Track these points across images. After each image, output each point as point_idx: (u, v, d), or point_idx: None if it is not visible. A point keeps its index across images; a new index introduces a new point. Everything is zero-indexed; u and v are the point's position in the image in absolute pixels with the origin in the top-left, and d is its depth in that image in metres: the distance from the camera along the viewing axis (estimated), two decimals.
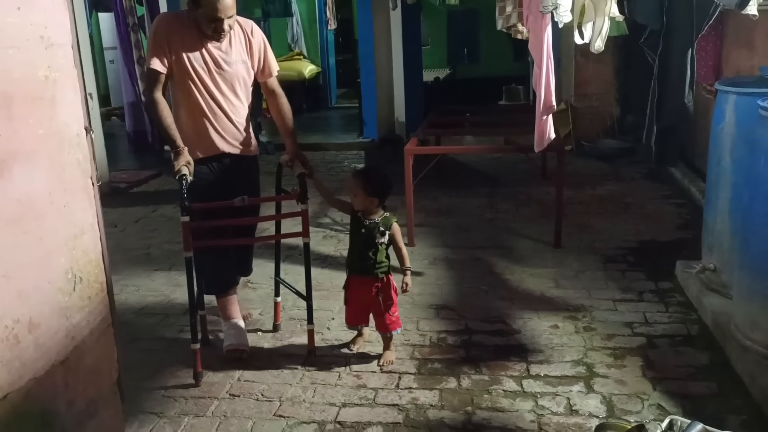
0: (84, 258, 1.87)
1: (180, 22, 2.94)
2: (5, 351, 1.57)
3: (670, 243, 4.29)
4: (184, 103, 3.00)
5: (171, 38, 2.90)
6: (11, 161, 1.59)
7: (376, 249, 2.93)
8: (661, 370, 2.83)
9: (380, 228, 2.91)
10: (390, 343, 3.03)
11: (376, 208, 2.94)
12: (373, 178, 2.94)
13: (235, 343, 3.11)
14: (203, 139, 3.03)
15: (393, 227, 2.94)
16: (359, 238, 2.96)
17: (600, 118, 7.12)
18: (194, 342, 2.92)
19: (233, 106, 3.04)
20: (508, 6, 4.27)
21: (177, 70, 2.93)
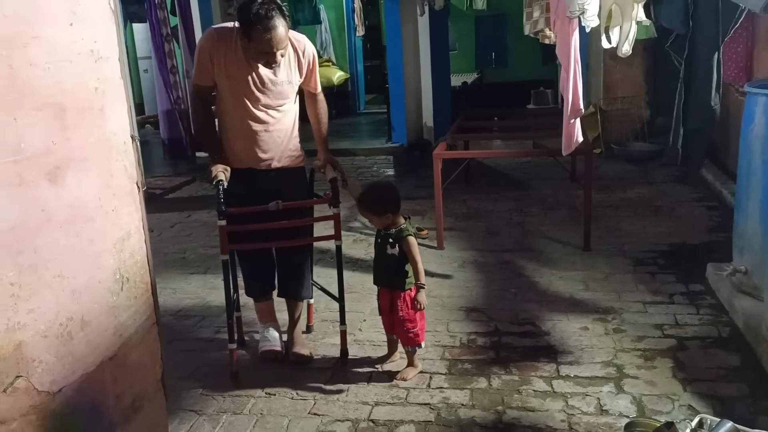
0: (131, 260, 1.96)
1: (227, 39, 2.87)
2: (60, 347, 1.67)
3: (701, 246, 4.28)
4: (227, 117, 3.03)
5: (215, 56, 2.87)
6: (65, 168, 1.68)
7: (389, 261, 2.89)
8: (691, 372, 2.84)
9: (390, 240, 2.88)
10: (413, 358, 2.97)
11: (396, 219, 2.90)
12: (373, 198, 2.90)
13: (270, 345, 3.19)
14: (244, 153, 3.03)
15: (405, 240, 2.84)
16: (376, 248, 2.99)
17: (629, 121, 7.10)
18: (231, 342, 3.02)
19: (276, 121, 3.02)
20: (536, 11, 4.32)
21: (220, 86, 2.95)
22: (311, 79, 3.11)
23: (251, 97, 2.93)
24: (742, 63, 4.83)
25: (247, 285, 3.30)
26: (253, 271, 3.25)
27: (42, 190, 1.61)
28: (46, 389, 1.62)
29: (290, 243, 3.16)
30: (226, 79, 2.91)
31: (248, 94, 2.92)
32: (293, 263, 3.25)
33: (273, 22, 2.67)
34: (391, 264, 2.89)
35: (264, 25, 2.66)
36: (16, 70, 1.53)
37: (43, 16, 1.63)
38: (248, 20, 2.68)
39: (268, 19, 2.66)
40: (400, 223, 2.89)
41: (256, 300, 3.32)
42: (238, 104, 2.95)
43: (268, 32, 2.68)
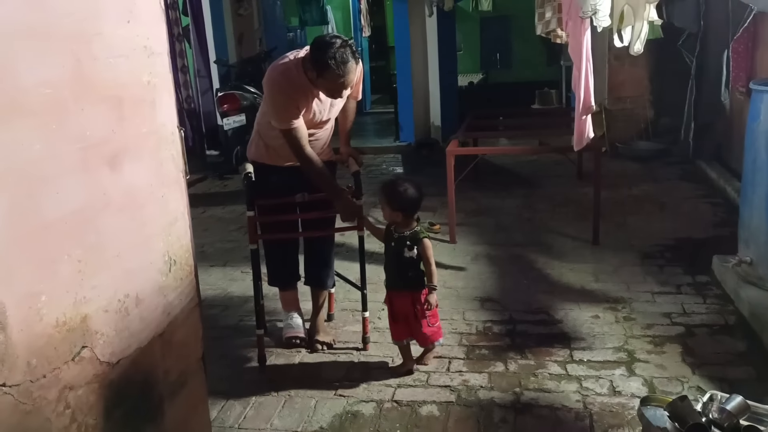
0: (177, 243, 2.09)
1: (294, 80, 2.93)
2: (118, 321, 1.79)
3: (706, 240, 4.41)
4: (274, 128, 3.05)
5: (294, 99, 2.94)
6: (122, 156, 1.81)
7: (405, 263, 2.91)
8: (700, 356, 2.97)
9: (408, 242, 2.90)
10: (430, 354, 3.03)
11: (408, 220, 2.93)
12: (395, 191, 2.90)
13: (294, 331, 3.32)
14: (285, 155, 3.12)
15: (422, 242, 2.88)
16: (390, 251, 3.00)
17: (634, 120, 7.22)
18: (258, 328, 3.16)
19: (324, 130, 3.20)
20: (548, 12, 4.45)
21: None
22: (356, 90, 3.23)
23: (311, 122, 3.06)
24: (744, 63, 4.96)
25: (273, 275, 3.40)
26: (279, 261, 3.37)
27: (103, 176, 1.74)
28: (106, 360, 1.75)
29: (315, 233, 3.30)
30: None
31: (311, 120, 3.06)
32: (319, 253, 3.39)
33: (348, 67, 2.80)
34: (410, 266, 2.92)
35: (339, 70, 2.78)
36: (82, 64, 1.66)
37: (104, 13, 1.76)
38: (325, 62, 2.78)
39: (344, 64, 2.78)
40: (413, 225, 2.93)
41: (281, 289, 3.44)
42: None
43: (342, 77, 2.82)
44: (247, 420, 2.71)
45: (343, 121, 3.37)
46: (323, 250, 3.40)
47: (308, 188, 3.12)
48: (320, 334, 3.30)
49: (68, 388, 1.61)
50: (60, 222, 1.57)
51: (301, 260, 3.44)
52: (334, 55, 2.77)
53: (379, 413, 2.70)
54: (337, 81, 2.84)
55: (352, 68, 2.83)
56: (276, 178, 3.18)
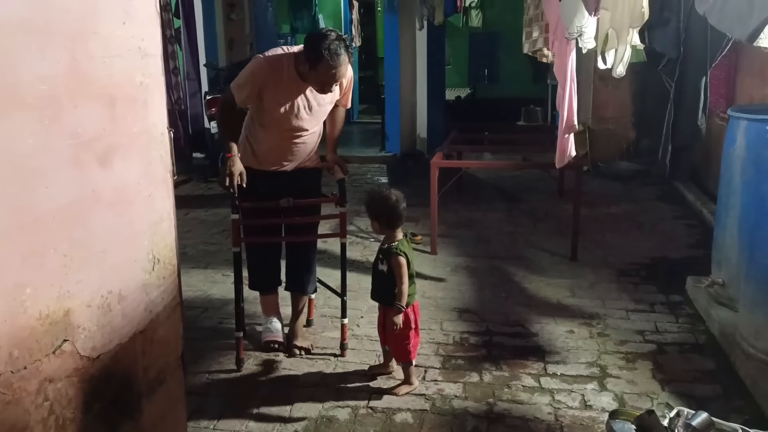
0: (162, 242, 2.12)
1: (281, 69, 3.01)
2: (100, 317, 1.82)
3: (681, 260, 4.50)
4: (265, 128, 3.16)
5: (269, 86, 3.01)
6: (112, 153, 1.84)
7: (377, 275, 2.94)
8: (669, 374, 3.04)
9: (380, 255, 2.92)
10: (408, 374, 2.93)
11: (390, 232, 2.90)
12: (372, 199, 2.94)
13: (273, 335, 3.34)
14: (269, 160, 3.20)
15: (393, 258, 2.82)
16: (373, 262, 3.02)
17: (616, 140, 7.35)
18: (238, 330, 3.17)
19: (309, 135, 3.21)
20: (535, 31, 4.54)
21: (268, 106, 3.06)
22: (345, 96, 3.30)
23: (295, 119, 3.10)
24: (723, 89, 5.10)
25: (254, 278, 3.43)
26: (261, 265, 3.39)
27: (94, 172, 1.76)
28: (87, 354, 1.77)
29: (298, 239, 3.35)
30: (273, 104, 3.05)
31: (293, 117, 3.09)
32: (302, 259, 3.42)
33: (340, 60, 2.87)
34: (381, 280, 2.91)
35: (333, 62, 2.85)
36: (78, 62, 1.69)
37: (102, 13, 1.79)
38: (319, 53, 2.85)
39: (337, 56, 2.85)
40: (395, 239, 2.90)
41: (262, 293, 3.46)
42: (282, 124, 3.10)
43: (335, 68, 2.88)
44: (223, 421, 2.73)
45: (331, 128, 3.40)
46: (305, 256, 3.43)
47: (293, 193, 3.16)
48: (298, 339, 3.33)
49: (48, 380, 1.62)
50: (49, 216, 1.60)
51: (283, 265, 3.47)
52: (329, 46, 2.84)
53: (354, 418, 2.73)
54: (329, 72, 2.88)
55: (344, 61, 2.90)
56: (262, 183, 3.19)
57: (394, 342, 2.93)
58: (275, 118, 3.10)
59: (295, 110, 3.08)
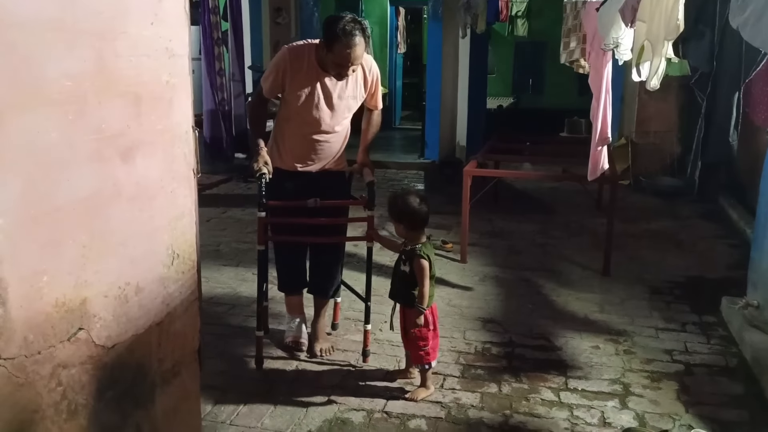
0: (182, 238, 2.17)
1: (302, 57, 3.08)
2: (117, 307, 1.87)
3: (718, 280, 4.38)
4: (288, 123, 3.22)
5: (288, 75, 3.07)
6: (136, 150, 1.90)
7: (399, 276, 2.94)
8: (695, 395, 2.96)
9: (403, 257, 2.92)
10: (425, 377, 2.94)
11: (413, 234, 2.90)
12: (395, 202, 2.93)
13: (295, 336, 3.38)
14: (295, 159, 3.25)
15: (416, 260, 2.83)
16: (395, 263, 3.03)
17: (660, 155, 7.19)
18: (259, 330, 3.21)
19: (335, 134, 3.24)
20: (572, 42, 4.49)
21: (289, 98, 3.13)
22: (374, 97, 3.31)
23: (315, 110, 3.12)
24: None
25: (281, 279, 3.47)
26: (287, 266, 3.43)
27: (115, 167, 1.82)
28: (102, 343, 1.82)
29: (325, 240, 3.36)
30: (296, 94, 3.09)
31: (313, 108, 3.12)
32: (325, 262, 3.42)
33: (355, 40, 2.90)
34: (402, 280, 2.93)
35: (347, 41, 2.89)
36: (104, 60, 1.75)
37: (131, 14, 1.85)
38: (334, 33, 2.90)
39: (352, 36, 2.89)
40: (419, 241, 2.89)
41: (287, 294, 3.50)
42: (303, 117, 3.14)
43: (349, 48, 2.90)
44: (239, 417, 2.77)
45: (366, 130, 3.40)
46: (329, 260, 3.43)
47: (320, 195, 3.17)
48: (320, 340, 3.35)
49: (62, 366, 1.68)
50: (69, 207, 1.65)
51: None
52: (344, 27, 2.88)
53: (368, 422, 2.74)
54: (344, 52, 2.91)
55: (359, 42, 2.91)
56: (290, 184, 3.24)
57: (411, 344, 2.94)
58: (297, 111, 3.13)
59: (315, 100, 3.10)
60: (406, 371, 3.09)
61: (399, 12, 12.14)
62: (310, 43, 3.11)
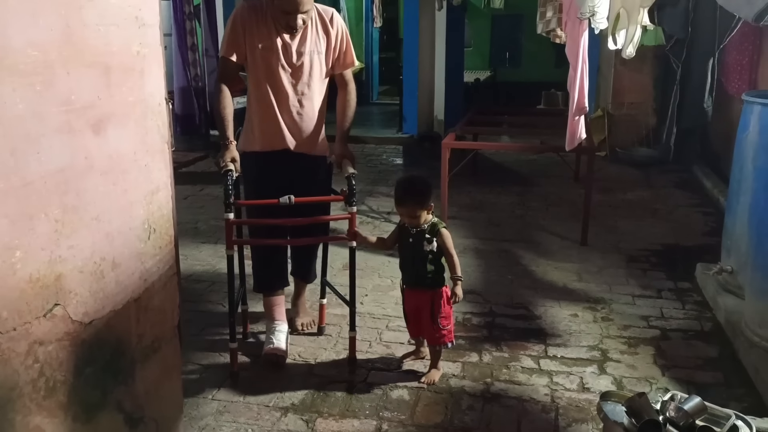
0: (158, 212, 2.14)
1: (256, 13, 2.88)
2: (93, 283, 1.84)
3: (693, 247, 4.44)
4: (255, 93, 3.00)
5: (246, 29, 2.87)
6: (107, 122, 1.86)
7: (425, 258, 2.77)
8: (671, 359, 3.01)
9: (426, 235, 2.76)
10: (437, 359, 2.87)
11: (426, 215, 2.79)
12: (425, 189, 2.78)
13: (274, 347, 3.03)
14: (269, 133, 3.00)
15: (441, 233, 2.76)
16: (407, 248, 2.83)
17: (636, 126, 7.23)
18: (232, 341, 2.88)
19: (305, 100, 2.98)
20: (549, 11, 4.47)
21: (250, 61, 2.92)
22: (346, 52, 3.04)
23: (278, 73, 2.91)
24: (746, 76, 4.97)
25: (257, 278, 3.23)
26: (264, 264, 3.19)
27: (87, 140, 1.78)
28: (79, 319, 1.80)
29: (302, 241, 3.16)
30: (255, 50, 2.89)
31: (274, 70, 2.90)
32: (306, 249, 3.28)
33: None
34: (431, 261, 2.78)
35: None
36: (72, 29, 1.70)
37: None
38: None
39: None
40: (430, 218, 2.80)
41: (265, 295, 3.24)
42: (267, 81, 2.93)
43: None
44: (221, 392, 2.77)
45: (341, 111, 3.12)
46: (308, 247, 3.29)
47: (298, 185, 2.94)
48: (300, 315, 3.31)
49: (38, 343, 1.65)
50: (40, 181, 1.62)
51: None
52: None
53: (350, 394, 2.75)
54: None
55: None
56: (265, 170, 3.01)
57: (440, 324, 2.80)
58: (260, 75, 2.93)
59: (275, 58, 2.89)
60: (417, 351, 3.01)
61: None
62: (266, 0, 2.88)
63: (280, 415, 2.61)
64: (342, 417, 2.60)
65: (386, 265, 4.15)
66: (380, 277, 3.98)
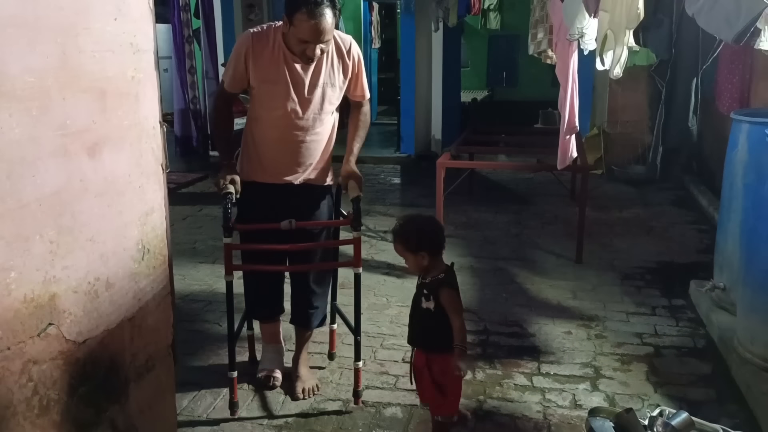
0: (152, 233, 2.18)
1: (264, 40, 2.68)
2: (87, 303, 1.88)
3: (688, 265, 4.46)
4: (258, 122, 2.82)
5: (251, 58, 2.68)
6: (102, 145, 1.90)
7: (421, 315, 2.43)
8: (664, 376, 3.02)
9: (425, 291, 2.40)
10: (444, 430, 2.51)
11: (435, 262, 2.41)
12: (408, 230, 2.41)
13: (269, 368, 2.98)
14: (270, 167, 2.81)
15: (443, 290, 2.36)
16: (412, 301, 2.52)
17: (631, 144, 7.28)
18: (231, 370, 2.72)
19: (313, 133, 2.78)
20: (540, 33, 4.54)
21: (256, 91, 2.74)
22: (357, 84, 2.86)
23: (289, 104, 2.71)
24: (737, 94, 5.03)
25: (251, 306, 3.07)
26: (258, 292, 3.01)
27: (82, 162, 1.83)
28: (73, 338, 1.83)
29: (303, 267, 2.94)
30: (262, 83, 2.71)
31: (286, 100, 2.70)
32: (307, 287, 2.96)
33: (321, 10, 2.49)
34: (425, 320, 2.41)
35: (311, 10, 2.47)
36: (67, 56, 1.76)
37: (94, 10, 1.86)
38: (296, 4, 2.50)
39: (317, 5, 2.48)
40: (440, 270, 2.41)
41: (261, 321, 3.11)
42: (273, 112, 2.74)
43: (314, 18, 2.48)
44: (216, 410, 2.78)
45: (353, 131, 2.92)
46: (312, 284, 2.96)
47: (299, 213, 2.76)
48: (302, 378, 2.94)
49: (32, 362, 1.68)
50: (35, 203, 1.66)
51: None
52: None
53: (344, 412, 2.76)
54: (309, 24, 2.49)
55: (326, 13, 2.50)
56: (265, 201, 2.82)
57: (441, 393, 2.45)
58: (265, 105, 2.75)
59: (284, 89, 2.69)
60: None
61: (372, 7, 12.14)
62: (276, 26, 2.69)
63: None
64: None
65: (382, 284, 4.18)
66: (375, 296, 4.01)
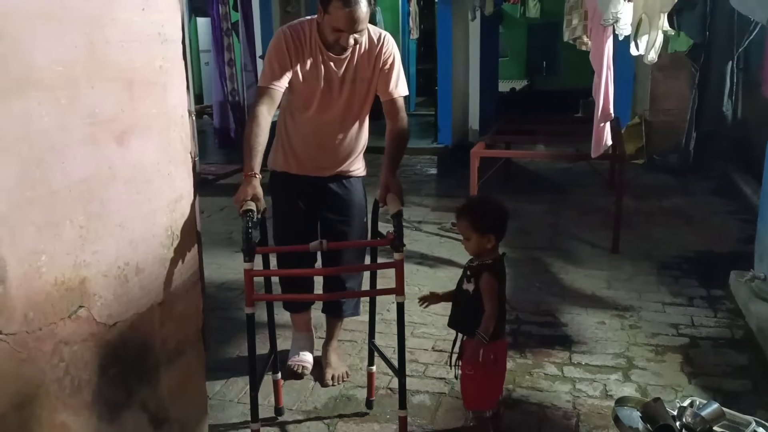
0: (181, 219, 2.22)
1: (301, 35, 2.66)
2: (117, 287, 1.93)
3: (728, 254, 4.35)
4: (292, 118, 2.83)
5: (289, 53, 2.64)
6: (130, 133, 1.95)
7: (460, 296, 2.39)
8: (699, 367, 2.96)
9: (468, 273, 2.35)
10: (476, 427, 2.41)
11: (494, 248, 2.35)
12: (484, 210, 2.35)
13: (298, 358, 3.03)
14: (303, 159, 2.83)
15: (483, 276, 2.27)
16: (458, 281, 2.45)
17: (673, 133, 7.10)
18: (254, 421, 2.40)
19: (347, 127, 2.78)
20: (575, 19, 4.47)
21: (293, 86, 2.70)
22: (392, 79, 2.72)
23: (324, 97, 2.70)
24: None
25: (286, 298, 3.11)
26: (291, 283, 2.98)
27: (110, 150, 1.87)
28: (103, 321, 1.89)
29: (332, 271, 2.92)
30: (299, 79, 2.67)
31: (320, 93, 2.70)
32: (337, 278, 2.94)
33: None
34: (463, 301, 2.37)
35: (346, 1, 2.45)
36: (95, 46, 1.80)
37: (121, 1, 1.90)
38: None
39: None
40: (492, 257, 2.34)
41: (292, 312, 3.13)
42: (308, 107, 2.73)
43: (349, 6, 2.45)
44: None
45: (389, 144, 2.71)
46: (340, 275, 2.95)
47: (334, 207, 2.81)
48: (332, 365, 2.99)
49: (63, 342, 1.74)
50: (65, 189, 1.71)
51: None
52: None
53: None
54: (343, 12, 2.46)
55: (361, 2, 2.45)
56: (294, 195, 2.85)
57: (464, 382, 2.45)
58: (300, 99, 2.73)
59: (319, 83, 2.67)
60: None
61: None
62: (310, 19, 2.69)
63: (302, 418, 2.67)
64: (362, 421, 2.64)
65: (414, 273, 4.18)
66: (408, 285, 3.94)
